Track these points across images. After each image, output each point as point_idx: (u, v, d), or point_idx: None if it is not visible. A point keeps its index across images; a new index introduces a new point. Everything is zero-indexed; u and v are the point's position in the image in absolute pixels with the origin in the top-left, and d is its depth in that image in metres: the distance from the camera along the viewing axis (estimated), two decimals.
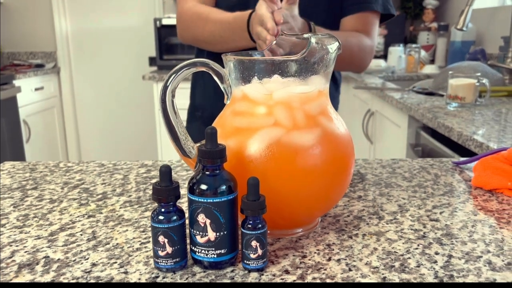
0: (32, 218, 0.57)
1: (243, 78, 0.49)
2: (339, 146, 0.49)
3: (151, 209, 0.59)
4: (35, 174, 0.74)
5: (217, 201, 0.42)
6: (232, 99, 0.51)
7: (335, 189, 0.50)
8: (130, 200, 0.62)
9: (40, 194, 0.65)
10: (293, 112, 0.48)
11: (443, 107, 1.38)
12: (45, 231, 0.53)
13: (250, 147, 0.46)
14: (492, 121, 1.17)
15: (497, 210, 0.58)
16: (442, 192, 0.65)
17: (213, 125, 0.51)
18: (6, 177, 0.73)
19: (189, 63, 0.48)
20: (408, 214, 0.57)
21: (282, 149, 0.46)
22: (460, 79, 1.35)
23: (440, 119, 1.19)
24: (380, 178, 0.71)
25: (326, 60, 0.49)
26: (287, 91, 0.48)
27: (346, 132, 0.51)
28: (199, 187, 0.43)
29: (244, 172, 0.46)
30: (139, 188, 0.67)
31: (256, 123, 0.48)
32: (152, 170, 0.76)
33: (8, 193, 0.66)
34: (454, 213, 0.57)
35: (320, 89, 0.50)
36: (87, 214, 0.58)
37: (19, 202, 0.62)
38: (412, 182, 0.69)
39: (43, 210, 0.59)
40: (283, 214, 0.48)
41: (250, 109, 0.49)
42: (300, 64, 0.47)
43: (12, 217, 0.57)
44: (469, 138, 1.00)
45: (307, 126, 0.47)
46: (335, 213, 0.57)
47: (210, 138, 0.43)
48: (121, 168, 0.77)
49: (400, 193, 0.65)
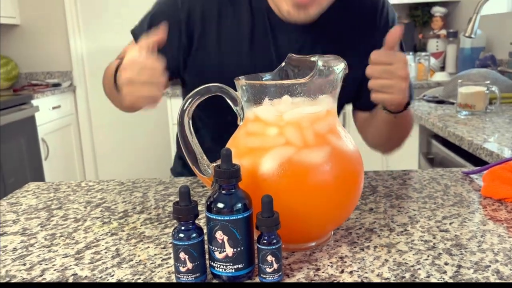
0: (59, 237, 0.60)
1: (255, 100, 0.52)
2: (348, 162, 0.51)
3: (170, 226, 0.62)
4: (59, 194, 0.78)
5: (234, 218, 0.45)
6: (245, 120, 0.53)
7: (346, 203, 0.52)
8: (150, 218, 0.65)
9: (65, 214, 0.68)
10: (303, 131, 0.50)
11: (453, 115, 1.39)
12: (72, 249, 0.56)
13: (263, 166, 0.49)
14: (502, 129, 1.18)
15: (506, 219, 0.60)
16: (452, 202, 0.66)
17: (227, 145, 0.54)
18: (32, 198, 0.76)
19: (204, 88, 0.51)
20: (418, 225, 0.59)
21: (294, 167, 0.49)
22: (469, 87, 1.36)
23: (450, 128, 1.20)
24: (391, 190, 0.73)
25: (333, 81, 0.52)
26: (297, 112, 0.50)
27: (355, 148, 0.54)
28: (216, 206, 0.45)
29: (258, 189, 0.48)
30: (158, 205, 0.70)
31: (268, 143, 0.50)
32: (169, 187, 0.79)
33: (35, 213, 0.69)
34: (464, 223, 0.59)
35: (328, 109, 0.52)
36: (110, 232, 0.61)
37: (46, 222, 0.65)
38: (423, 193, 0.71)
39: (69, 229, 0.62)
40: (296, 229, 0.50)
41: (262, 129, 0.51)
42: (308, 85, 0.50)
43: (40, 237, 0.60)
44: (479, 147, 1.01)
45: (317, 145, 0.50)
46: (347, 226, 0.59)
47: (225, 158, 0.46)
48: (140, 186, 0.80)
49: (410, 204, 0.66)
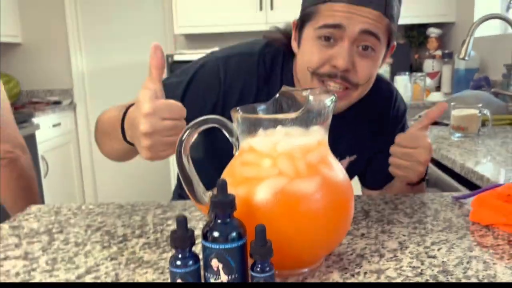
0: (60, 262, 0.62)
1: (249, 131, 0.54)
2: (339, 191, 0.54)
3: (168, 251, 0.64)
4: (60, 217, 0.80)
5: (228, 247, 0.47)
6: (240, 150, 0.56)
7: (337, 231, 0.55)
8: (149, 242, 0.67)
9: (65, 238, 0.70)
10: (295, 162, 0.53)
11: (447, 137, 1.42)
12: (73, 274, 0.58)
13: (258, 195, 0.51)
14: (494, 152, 1.21)
15: (492, 245, 0.62)
16: (441, 228, 0.69)
17: (223, 174, 0.57)
18: (33, 221, 0.78)
19: (202, 120, 0.54)
20: (408, 251, 0.61)
21: (286, 197, 0.51)
22: (462, 110, 1.39)
23: (443, 150, 1.23)
24: (382, 214, 0.75)
25: (324, 114, 0.54)
26: (289, 143, 0.53)
27: (345, 177, 0.56)
28: (211, 235, 0.48)
29: (253, 218, 0.50)
30: (156, 229, 0.72)
31: (263, 173, 0.53)
32: (167, 210, 0.81)
33: (37, 237, 0.71)
34: (451, 249, 0.61)
35: (319, 140, 0.55)
36: (110, 257, 0.63)
37: (47, 246, 0.67)
38: (413, 218, 0.73)
39: (70, 253, 0.64)
40: (289, 255, 0.52)
41: (257, 160, 0.54)
42: (300, 118, 0.53)
43: (41, 261, 0.62)
44: (470, 170, 1.04)
45: (309, 175, 0.52)
46: (339, 252, 0.61)
47: (221, 188, 0.48)
48: (139, 209, 0.82)
49: (401, 229, 0.69)
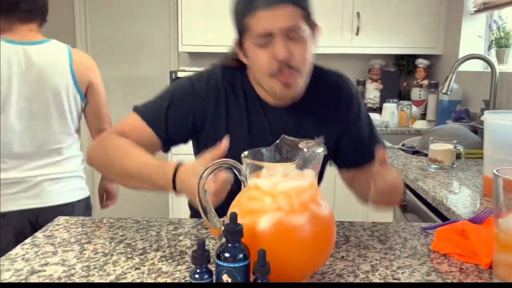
0: (93, 269, 0.75)
1: (255, 171, 0.69)
2: (324, 224, 0.68)
3: (182, 263, 0.77)
4: (86, 229, 0.93)
5: (236, 266, 0.61)
6: (247, 187, 0.70)
7: (321, 255, 0.69)
8: (165, 255, 0.81)
9: (94, 248, 0.83)
10: (291, 200, 0.67)
11: (425, 168, 1.57)
12: (105, 280, 0.71)
13: (260, 224, 0.65)
14: (464, 186, 1.36)
15: (446, 271, 0.76)
16: (407, 254, 0.83)
17: (232, 205, 0.71)
18: (63, 231, 0.91)
19: (219, 163, 0.68)
20: (378, 273, 0.75)
21: (283, 227, 0.65)
22: (439, 145, 1.55)
23: (420, 182, 1.38)
24: (360, 240, 0.90)
25: (315, 159, 0.69)
26: (287, 185, 0.67)
27: (330, 212, 0.70)
28: (223, 255, 0.61)
29: (256, 242, 0.64)
30: (170, 244, 0.86)
31: (265, 207, 0.67)
32: (178, 227, 0.95)
33: (69, 246, 0.84)
34: (413, 273, 0.76)
35: (311, 182, 0.69)
36: (134, 267, 0.76)
37: (80, 255, 0.80)
38: (386, 244, 0.88)
39: (100, 262, 0.78)
40: (283, 274, 0.66)
41: (260, 196, 0.68)
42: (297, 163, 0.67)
43: (77, 268, 0.75)
44: (440, 202, 1.19)
45: (301, 211, 0.66)
46: (323, 271, 0.75)
47: (232, 220, 0.63)
48: (153, 224, 0.96)
49: (374, 254, 0.83)
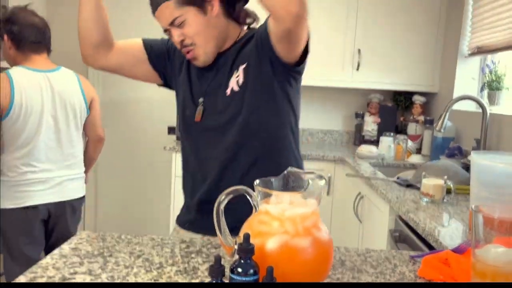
0: (117, 279, 0.84)
1: (266, 199, 0.79)
2: (324, 247, 0.78)
3: (195, 278, 0.87)
4: (106, 243, 1.03)
5: (247, 279, 0.71)
6: (259, 211, 0.81)
7: (320, 275, 0.79)
8: (180, 270, 0.90)
9: (116, 261, 0.93)
10: (296, 225, 0.77)
11: (417, 201, 1.68)
12: None
13: (268, 245, 0.76)
14: (452, 219, 1.47)
15: None
16: (396, 279, 0.93)
17: (244, 226, 0.81)
18: (87, 245, 1.01)
19: (233, 189, 0.79)
20: None
21: (288, 249, 0.75)
22: (430, 179, 1.66)
23: (411, 213, 1.49)
24: (354, 264, 0.99)
25: (317, 189, 0.80)
26: (293, 212, 0.78)
27: (328, 237, 0.81)
28: (237, 270, 0.71)
29: (264, 261, 0.74)
30: (184, 260, 0.95)
31: (273, 230, 0.77)
32: (190, 246, 1.04)
33: (94, 258, 0.94)
34: None
35: (313, 210, 0.80)
36: (153, 279, 0.86)
37: (104, 266, 0.90)
38: (377, 269, 0.97)
39: (123, 273, 0.87)
40: None
41: (269, 220, 0.78)
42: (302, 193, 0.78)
43: (103, 277, 0.85)
44: (429, 233, 1.29)
45: (304, 235, 0.77)
46: None
47: (245, 240, 0.73)
48: (167, 242, 1.05)
49: (366, 278, 0.93)
